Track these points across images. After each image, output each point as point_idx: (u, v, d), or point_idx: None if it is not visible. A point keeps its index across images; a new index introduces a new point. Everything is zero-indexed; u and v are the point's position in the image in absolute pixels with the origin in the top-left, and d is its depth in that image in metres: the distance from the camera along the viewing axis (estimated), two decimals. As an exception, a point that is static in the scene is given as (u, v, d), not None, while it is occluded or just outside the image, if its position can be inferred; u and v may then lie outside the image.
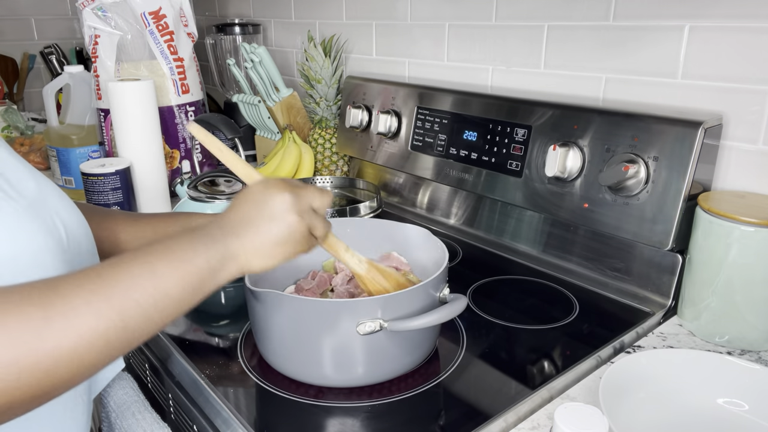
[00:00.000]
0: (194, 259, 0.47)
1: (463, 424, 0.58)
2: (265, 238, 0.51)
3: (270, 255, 0.52)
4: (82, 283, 0.41)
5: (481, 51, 1.09)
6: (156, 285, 0.44)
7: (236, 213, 0.52)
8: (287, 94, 1.36)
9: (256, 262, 0.51)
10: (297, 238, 0.53)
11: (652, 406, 0.61)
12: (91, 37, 1.25)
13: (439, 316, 0.60)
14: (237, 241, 0.50)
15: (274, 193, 0.52)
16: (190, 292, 0.47)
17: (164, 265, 0.45)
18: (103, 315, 0.41)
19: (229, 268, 0.50)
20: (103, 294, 0.41)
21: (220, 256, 0.49)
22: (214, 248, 0.49)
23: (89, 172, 1.09)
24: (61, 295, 0.40)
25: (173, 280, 0.45)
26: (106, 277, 0.43)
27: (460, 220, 1.10)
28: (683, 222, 0.76)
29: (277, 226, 0.51)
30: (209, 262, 0.48)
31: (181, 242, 0.48)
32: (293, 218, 0.52)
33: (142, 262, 0.45)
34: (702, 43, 0.80)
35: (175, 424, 0.74)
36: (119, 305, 0.42)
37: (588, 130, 0.85)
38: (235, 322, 0.80)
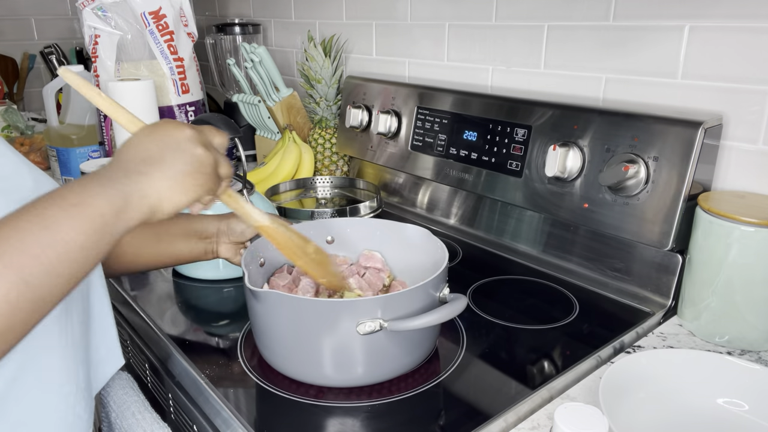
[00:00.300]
0: (91, 201, 0.44)
1: (463, 424, 0.58)
2: (175, 171, 0.49)
3: (182, 189, 0.49)
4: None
5: (481, 51, 1.09)
6: (52, 235, 0.41)
7: (136, 151, 0.49)
8: (287, 94, 1.36)
9: (169, 197, 0.49)
10: (206, 170, 0.51)
11: (652, 406, 0.61)
12: (91, 37, 1.25)
13: (439, 316, 0.60)
14: (144, 179, 0.47)
15: (173, 127, 0.51)
16: (95, 238, 0.43)
17: (56, 212, 0.42)
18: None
19: (138, 207, 0.47)
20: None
21: (125, 195, 0.46)
22: (113, 188, 0.46)
23: (89, 171, 1.09)
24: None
25: (70, 226, 0.42)
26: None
27: (460, 220, 1.10)
28: (683, 222, 0.76)
29: (183, 156, 0.49)
30: (111, 202, 0.45)
31: (73, 187, 0.45)
32: (200, 149, 0.50)
33: (32, 213, 0.41)
34: (702, 43, 0.80)
35: (175, 424, 0.74)
36: (15, 262, 0.39)
37: (588, 130, 0.85)
38: (235, 322, 0.80)
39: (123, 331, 0.87)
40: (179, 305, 0.85)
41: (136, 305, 0.83)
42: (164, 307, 0.84)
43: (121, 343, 0.89)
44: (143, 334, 0.82)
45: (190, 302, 0.86)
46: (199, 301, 0.86)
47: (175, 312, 0.83)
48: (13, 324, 0.39)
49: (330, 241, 0.80)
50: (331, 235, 0.80)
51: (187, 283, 0.90)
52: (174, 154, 0.49)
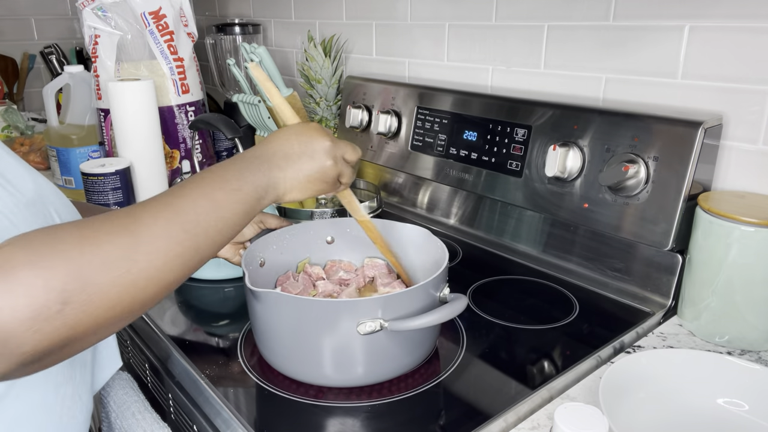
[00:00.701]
0: (245, 187, 0.53)
1: (463, 424, 0.58)
2: (304, 174, 0.58)
3: (303, 188, 0.59)
4: (157, 213, 0.47)
5: (481, 51, 1.09)
6: (217, 212, 0.50)
7: (281, 147, 0.58)
8: (287, 94, 1.36)
9: (290, 193, 0.58)
10: (328, 179, 0.61)
11: (652, 406, 0.61)
12: (91, 37, 1.25)
13: (439, 316, 0.60)
14: (280, 173, 0.57)
15: (317, 136, 0.60)
16: (242, 216, 0.53)
17: (222, 195, 0.51)
18: (179, 240, 0.47)
19: (270, 195, 0.56)
20: (177, 222, 0.47)
21: (265, 185, 0.55)
22: (261, 178, 0.55)
23: (89, 172, 1.09)
24: (144, 224, 0.45)
25: (229, 206, 0.52)
26: (177, 208, 0.48)
27: (460, 220, 1.10)
28: (683, 222, 0.76)
29: (315, 164, 0.59)
30: (257, 190, 0.54)
31: (232, 172, 0.54)
32: (329, 162, 0.60)
33: (203, 193, 0.50)
34: (702, 43, 0.80)
35: (175, 424, 0.74)
36: (191, 231, 0.48)
37: (588, 130, 0.85)
38: (235, 322, 0.80)
39: (123, 331, 0.87)
40: (179, 305, 0.85)
41: (136, 305, 0.83)
42: (164, 307, 0.84)
43: (120, 343, 0.89)
44: (143, 334, 0.82)
45: (190, 302, 0.86)
46: (199, 301, 0.86)
47: (175, 312, 0.83)
48: (180, 277, 0.48)
49: (330, 241, 0.80)
50: (331, 235, 0.80)
51: (187, 283, 0.90)
52: (308, 160, 0.59)
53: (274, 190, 0.57)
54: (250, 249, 0.71)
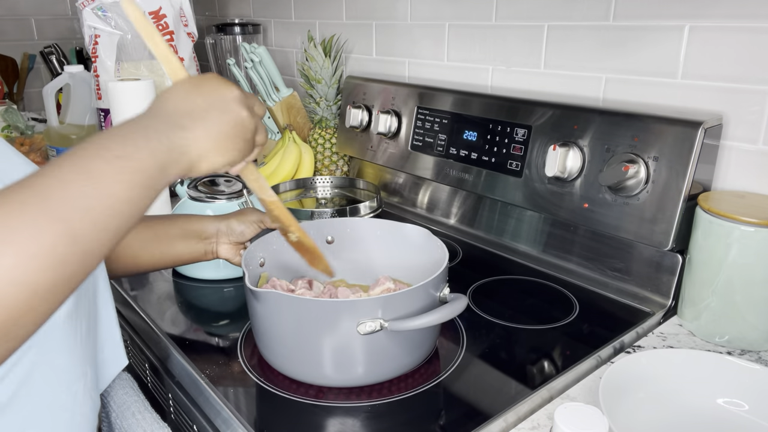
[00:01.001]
0: (135, 154, 0.42)
1: (463, 424, 0.58)
2: (218, 130, 0.48)
3: (222, 150, 0.48)
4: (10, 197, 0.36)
5: (481, 51, 1.09)
6: (97, 188, 0.39)
7: (180, 103, 0.47)
8: (287, 94, 1.36)
9: (207, 157, 0.47)
10: (247, 135, 0.50)
11: (652, 406, 0.61)
12: (91, 37, 1.25)
13: (439, 316, 0.60)
14: (186, 134, 0.46)
15: (222, 85, 0.49)
16: (140, 192, 0.42)
17: (102, 165, 0.40)
18: (44, 228, 0.36)
19: (179, 163, 0.45)
20: (39, 205, 0.36)
21: (167, 149, 0.44)
22: (159, 140, 0.44)
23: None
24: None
25: (116, 180, 0.40)
26: (37, 187, 0.37)
27: (460, 220, 1.10)
28: (683, 222, 0.76)
29: (229, 116, 0.48)
30: (155, 157, 0.43)
31: (114, 136, 0.43)
32: (245, 112, 0.49)
33: (76, 165, 0.39)
34: (702, 43, 0.80)
35: (175, 424, 0.74)
36: (61, 215, 0.37)
37: (588, 130, 0.85)
38: (235, 322, 0.80)
39: (123, 331, 0.87)
40: (179, 305, 0.85)
41: (136, 305, 0.83)
42: (164, 307, 0.84)
43: (121, 343, 0.89)
44: (143, 334, 0.82)
45: (190, 302, 0.86)
46: (199, 301, 0.86)
47: (175, 312, 0.83)
48: (61, 278, 0.37)
49: (330, 241, 0.80)
50: (331, 235, 0.80)
51: (187, 283, 0.90)
52: (220, 114, 0.48)
53: (182, 156, 0.45)
54: (250, 249, 0.71)
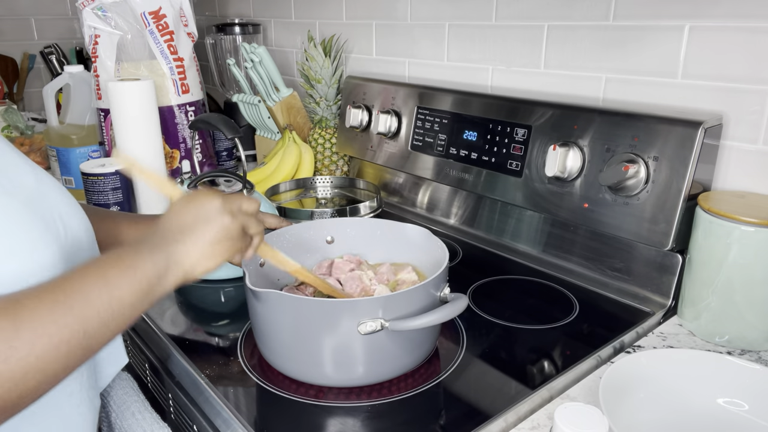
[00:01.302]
0: (141, 264, 0.50)
1: (463, 424, 0.58)
2: (205, 240, 0.55)
3: (211, 255, 0.55)
4: (43, 296, 0.44)
5: (481, 51, 1.09)
6: (110, 292, 0.47)
7: (174, 221, 0.56)
8: (287, 94, 1.36)
9: (199, 263, 0.55)
10: (233, 235, 0.57)
11: (652, 406, 0.61)
12: (91, 37, 1.25)
13: (440, 316, 0.60)
14: (180, 247, 0.54)
15: (204, 199, 0.57)
16: (140, 298, 0.49)
17: (115, 273, 0.48)
18: (66, 324, 0.43)
19: (174, 272, 0.53)
20: (65, 304, 0.44)
21: (165, 262, 0.52)
22: (158, 255, 0.52)
23: (89, 172, 1.09)
24: (26, 308, 0.42)
25: (125, 286, 0.48)
26: (65, 289, 0.45)
27: (460, 220, 1.10)
28: (683, 222, 0.76)
29: (212, 226, 0.55)
30: (156, 267, 0.51)
31: (128, 250, 0.51)
32: (226, 218, 0.56)
33: (96, 271, 0.47)
34: (702, 43, 0.80)
35: (175, 424, 0.74)
36: (80, 314, 0.44)
37: (588, 130, 0.85)
38: (235, 322, 0.80)
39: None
40: (179, 305, 0.85)
41: (136, 305, 0.83)
42: (164, 307, 0.84)
43: (121, 343, 0.89)
44: (143, 334, 0.82)
45: (190, 302, 0.86)
46: (199, 301, 0.86)
47: (175, 312, 0.83)
48: (65, 366, 0.44)
49: (330, 241, 0.80)
50: (331, 235, 0.80)
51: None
52: (204, 225, 0.55)
53: (177, 266, 0.53)
54: (250, 249, 0.71)
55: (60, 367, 0.43)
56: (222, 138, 1.48)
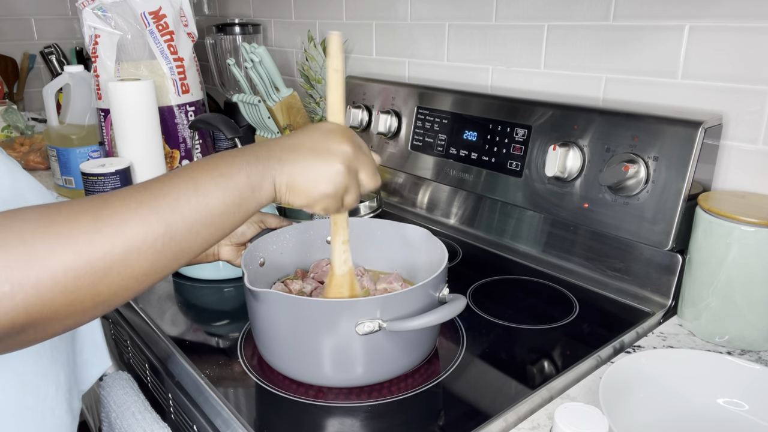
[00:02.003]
0: (235, 174, 0.47)
1: (463, 424, 0.58)
2: (307, 174, 0.51)
3: (304, 191, 0.51)
4: (130, 195, 0.43)
5: (481, 51, 1.09)
6: (199, 199, 0.45)
7: (292, 139, 0.52)
8: (287, 94, 1.36)
9: (290, 193, 0.51)
10: (332, 188, 0.52)
11: (652, 406, 0.61)
12: (91, 37, 1.25)
13: (438, 316, 0.60)
14: (279, 166, 0.50)
15: (339, 137, 0.53)
16: (232, 209, 0.47)
17: (206, 180, 0.46)
18: (150, 225, 0.42)
19: (268, 190, 0.50)
20: (150, 205, 0.43)
21: (261, 177, 0.49)
22: (256, 167, 0.49)
23: (89, 172, 1.09)
24: (110, 206, 0.41)
25: (215, 194, 0.46)
26: (153, 190, 0.44)
27: (460, 220, 1.10)
28: (683, 222, 0.76)
29: (323, 165, 0.51)
30: (250, 180, 0.48)
31: (225, 157, 0.48)
32: (341, 167, 0.52)
33: (187, 176, 0.46)
34: (702, 43, 0.80)
35: (175, 424, 0.74)
36: (165, 217, 0.43)
37: (588, 130, 0.85)
38: (235, 322, 0.80)
39: (123, 331, 0.87)
40: (179, 305, 0.85)
41: (136, 305, 0.83)
42: (164, 307, 0.84)
43: (120, 343, 0.89)
44: (143, 334, 0.82)
45: (190, 302, 0.86)
46: (199, 301, 0.86)
47: (175, 312, 0.83)
48: (155, 268, 0.43)
49: (330, 241, 0.80)
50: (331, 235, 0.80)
51: (187, 283, 0.90)
52: (315, 159, 0.51)
53: (270, 184, 0.50)
54: (250, 249, 0.71)
55: (147, 267, 0.42)
56: (222, 138, 1.48)
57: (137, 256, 0.42)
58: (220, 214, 0.46)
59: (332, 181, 0.52)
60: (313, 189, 0.52)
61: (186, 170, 0.47)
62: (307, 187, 0.51)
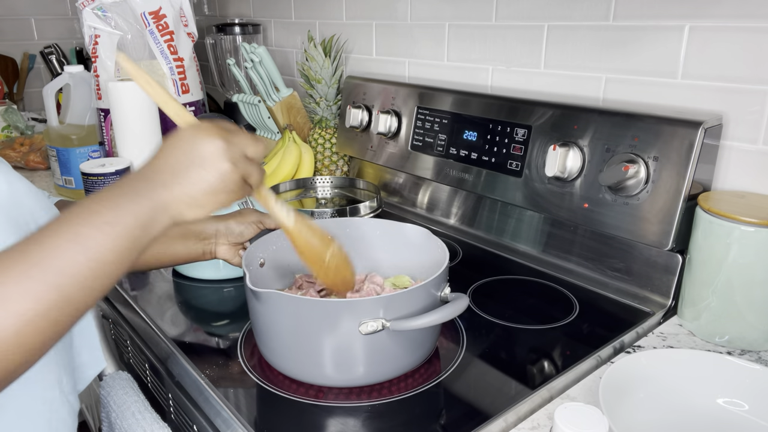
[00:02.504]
0: (121, 218, 0.45)
1: (463, 424, 0.58)
2: (197, 187, 0.48)
3: (202, 204, 0.49)
4: (9, 266, 0.40)
5: (481, 51, 1.09)
6: (87, 254, 0.42)
7: (164, 160, 0.49)
8: (287, 94, 1.36)
9: (188, 212, 0.49)
10: (230, 187, 0.50)
11: (652, 406, 0.61)
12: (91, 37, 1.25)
13: (441, 316, 0.60)
14: (166, 192, 0.47)
15: (204, 138, 0.49)
16: (125, 254, 0.45)
17: (92, 232, 0.43)
18: (40, 296, 0.40)
19: (161, 220, 0.47)
20: (35, 274, 0.40)
21: (149, 211, 0.46)
22: (141, 203, 0.46)
23: (89, 172, 1.09)
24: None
25: (104, 245, 0.43)
26: (34, 255, 0.41)
27: (460, 220, 1.10)
28: (683, 222, 0.76)
29: (208, 173, 0.48)
30: (138, 219, 0.46)
31: (104, 201, 0.45)
32: (226, 166, 0.49)
33: (69, 232, 0.43)
34: (702, 43, 0.80)
35: (175, 424, 0.74)
36: (55, 282, 0.41)
37: (588, 130, 0.85)
38: (235, 322, 0.80)
39: (123, 331, 0.87)
40: (179, 305, 0.85)
41: (136, 305, 0.83)
42: (164, 307, 0.84)
43: (120, 343, 0.89)
44: (143, 334, 0.82)
45: (190, 302, 0.86)
46: (199, 301, 0.86)
47: (175, 312, 0.83)
48: (52, 335, 0.41)
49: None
50: (331, 235, 0.80)
51: (187, 283, 0.90)
52: (198, 171, 0.48)
53: (164, 214, 0.47)
54: (250, 249, 0.71)
55: (48, 337, 0.41)
56: (222, 138, 1.47)
57: (33, 329, 0.40)
58: (113, 261, 0.44)
59: (224, 180, 0.49)
60: (212, 196, 0.49)
61: (66, 223, 0.43)
62: (205, 197, 0.49)
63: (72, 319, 0.42)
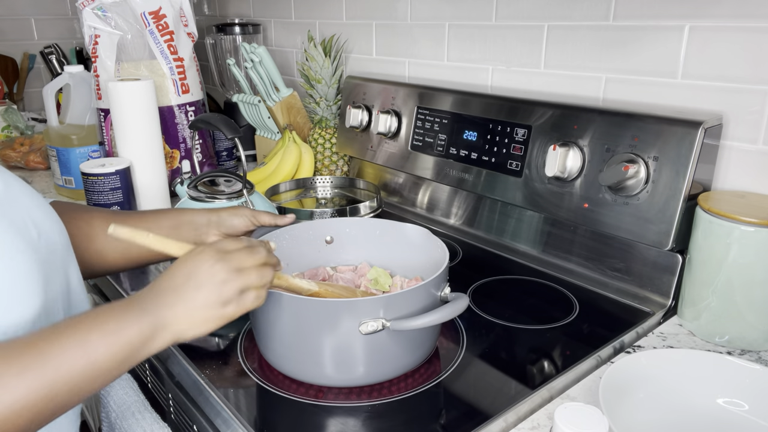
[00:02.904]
0: (126, 330, 0.48)
1: (463, 424, 0.58)
2: (194, 306, 0.52)
3: (202, 321, 0.52)
4: (15, 356, 0.43)
5: (481, 51, 1.09)
6: (87, 358, 0.46)
7: (168, 281, 0.53)
8: (287, 94, 1.36)
9: (189, 330, 0.52)
10: (227, 299, 0.53)
11: (652, 406, 0.61)
12: (91, 37, 1.25)
13: (441, 315, 0.60)
14: (168, 311, 0.51)
15: (199, 261, 0.53)
16: (119, 363, 0.48)
17: (96, 337, 0.47)
18: (33, 389, 0.43)
19: (162, 337, 0.51)
20: (36, 368, 0.43)
21: (152, 327, 0.50)
22: (146, 319, 0.50)
23: (89, 172, 1.09)
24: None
25: (104, 351, 0.47)
26: (41, 350, 0.44)
27: (460, 220, 1.10)
28: (683, 222, 0.76)
29: (204, 293, 0.52)
30: (141, 333, 0.49)
31: (113, 312, 0.49)
32: (220, 284, 0.53)
33: (75, 334, 0.46)
34: (702, 43, 0.80)
35: (175, 424, 0.74)
36: (50, 379, 0.43)
37: (588, 130, 0.85)
38: (235, 322, 0.79)
39: (123, 331, 0.87)
40: (179, 305, 0.84)
41: (136, 305, 0.83)
42: (164, 307, 0.83)
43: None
44: (143, 334, 0.82)
45: (190, 302, 0.86)
46: (199, 301, 0.86)
47: (175, 312, 0.82)
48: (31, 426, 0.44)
49: (329, 241, 0.80)
50: (330, 235, 0.80)
51: (187, 283, 0.90)
52: (194, 292, 0.52)
53: (165, 331, 0.51)
54: (250, 249, 0.71)
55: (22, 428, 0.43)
56: (222, 138, 1.48)
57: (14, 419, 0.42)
58: (108, 369, 0.47)
59: (223, 298, 0.53)
60: (208, 316, 0.53)
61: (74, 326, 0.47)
62: (202, 318, 0.52)
63: (49, 416, 0.45)
